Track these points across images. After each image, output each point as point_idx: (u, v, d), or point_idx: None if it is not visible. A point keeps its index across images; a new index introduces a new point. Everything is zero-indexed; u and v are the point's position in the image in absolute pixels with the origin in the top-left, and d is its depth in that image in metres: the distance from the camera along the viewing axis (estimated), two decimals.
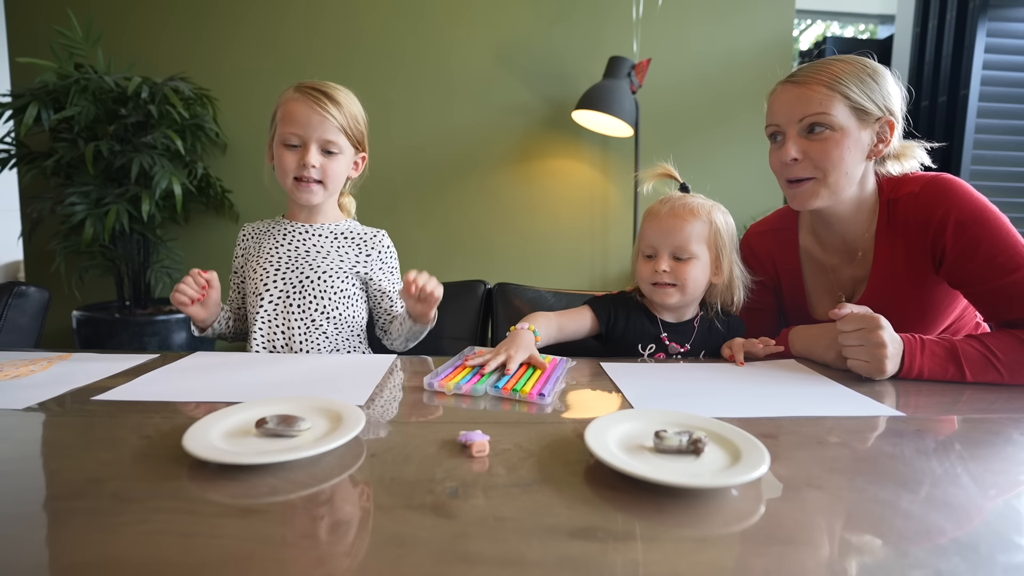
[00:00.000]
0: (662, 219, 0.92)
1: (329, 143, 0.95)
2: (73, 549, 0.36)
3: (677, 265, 0.92)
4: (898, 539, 0.38)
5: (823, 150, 0.82)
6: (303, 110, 0.93)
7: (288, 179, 0.96)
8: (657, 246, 0.93)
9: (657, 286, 0.93)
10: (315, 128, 0.93)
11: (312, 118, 0.92)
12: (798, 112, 0.82)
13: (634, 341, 0.97)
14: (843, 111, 0.80)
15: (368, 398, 0.67)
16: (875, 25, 3.56)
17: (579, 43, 2.35)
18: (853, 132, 0.81)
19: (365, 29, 2.30)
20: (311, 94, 0.93)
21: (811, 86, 0.81)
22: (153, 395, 0.67)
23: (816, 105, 0.81)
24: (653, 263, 0.93)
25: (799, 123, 0.83)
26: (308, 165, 0.93)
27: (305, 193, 0.96)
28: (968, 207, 0.81)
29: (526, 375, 0.74)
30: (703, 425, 0.54)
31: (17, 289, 1.21)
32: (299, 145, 0.94)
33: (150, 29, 2.23)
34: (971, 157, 2.40)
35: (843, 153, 0.82)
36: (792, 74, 0.85)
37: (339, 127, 0.95)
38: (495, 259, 2.41)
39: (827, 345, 0.85)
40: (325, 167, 0.95)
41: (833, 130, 0.81)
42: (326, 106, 0.93)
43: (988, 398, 0.71)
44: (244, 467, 0.46)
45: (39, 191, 2.08)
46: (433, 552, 0.35)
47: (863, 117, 0.82)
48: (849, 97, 0.80)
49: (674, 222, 0.91)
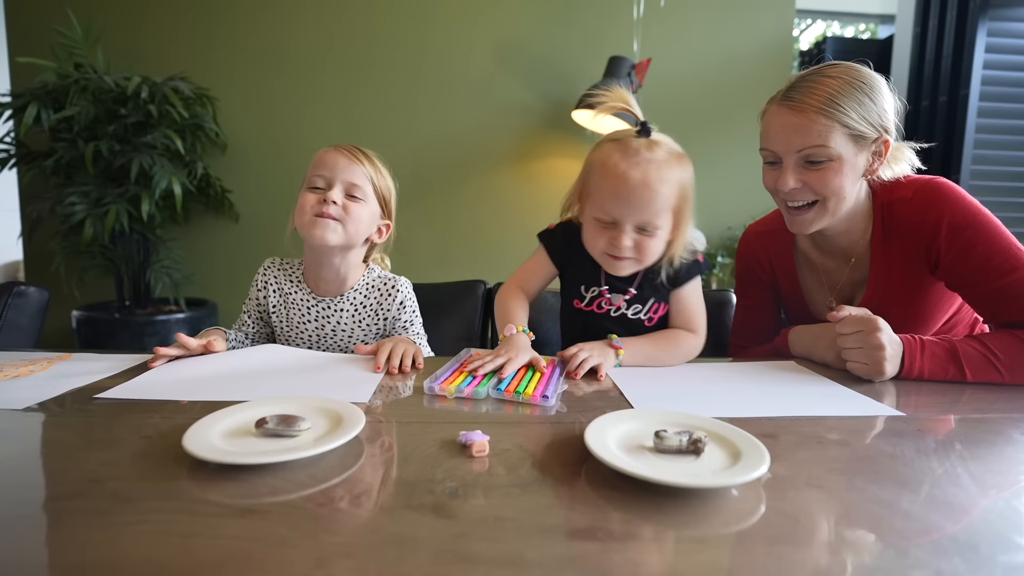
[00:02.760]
0: (631, 187, 0.78)
1: (354, 187, 0.92)
2: (73, 549, 0.36)
3: (640, 239, 0.82)
4: (898, 539, 0.38)
5: (822, 179, 0.81)
6: (332, 156, 0.93)
7: (306, 217, 0.90)
8: (620, 218, 0.81)
9: (613, 258, 0.84)
10: (342, 170, 0.92)
11: (340, 161, 0.92)
12: (796, 143, 0.80)
13: (578, 283, 0.95)
14: (841, 140, 0.79)
15: (369, 397, 0.67)
16: (875, 25, 3.56)
17: (579, 43, 2.35)
18: (850, 159, 0.80)
19: (365, 29, 2.30)
20: (344, 147, 0.95)
21: (808, 115, 0.78)
22: (153, 394, 0.67)
23: (815, 137, 0.79)
24: (610, 233, 0.82)
25: (797, 154, 0.81)
26: (329, 201, 0.89)
27: (321, 229, 0.89)
28: (960, 211, 0.82)
29: (526, 377, 0.74)
30: (703, 425, 0.54)
31: (17, 289, 1.21)
32: (323, 187, 0.92)
33: (150, 29, 2.23)
34: (971, 157, 2.40)
35: (842, 181, 0.81)
36: (787, 95, 0.81)
37: (368, 177, 0.94)
38: (495, 259, 2.41)
39: (827, 345, 0.85)
40: (347, 207, 0.91)
41: (832, 160, 0.80)
42: (357, 155, 0.94)
43: (988, 398, 0.71)
44: (244, 467, 0.46)
45: (39, 191, 2.08)
46: (433, 552, 0.35)
47: (860, 142, 0.80)
48: (848, 125, 0.78)
49: (645, 193, 0.78)
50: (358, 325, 1.00)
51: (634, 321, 0.94)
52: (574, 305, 0.96)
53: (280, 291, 1.01)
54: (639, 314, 0.94)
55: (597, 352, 0.81)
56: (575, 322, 0.99)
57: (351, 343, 1.00)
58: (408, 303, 1.02)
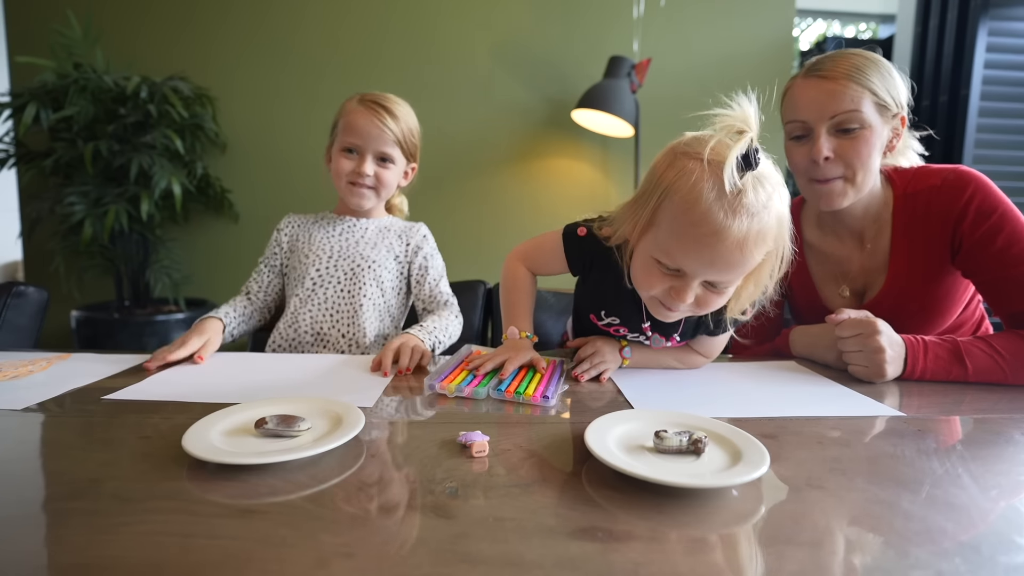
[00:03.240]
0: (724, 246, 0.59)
1: (384, 154, 1.02)
2: (73, 549, 0.35)
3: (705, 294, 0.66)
4: (899, 539, 0.38)
5: (855, 148, 0.80)
6: (363, 122, 1.00)
7: (342, 181, 1.02)
8: (692, 273, 0.64)
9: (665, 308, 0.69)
10: (373, 140, 1.00)
11: (371, 131, 1.00)
12: (830, 109, 0.79)
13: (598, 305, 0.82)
14: (870, 107, 0.79)
15: (375, 402, 0.66)
16: (876, 25, 3.55)
17: (579, 43, 2.35)
18: (879, 129, 0.80)
19: (365, 29, 2.30)
20: (372, 107, 1.01)
21: (840, 81, 0.78)
22: (157, 396, 0.67)
23: (848, 102, 0.78)
24: (672, 283, 0.65)
25: (831, 120, 0.80)
26: (363, 173, 1.01)
27: (357, 197, 1.03)
28: (989, 197, 0.82)
29: (527, 378, 0.74)
30: (703, 425, 0.54)
31: (16, 289, 1.21)
32: (355, 152, 1.02)
33: (149, 29, 2.23)
34: (971, 157, 2.40)
35: (871, 151, 0.80)
36: (813, 67, 0.82)
37: (395, 140, 1.02)
38: (495, 259, 2.41)
39: (828, 346, 0.85)
40: (379, 175, 1.03)
41: (863, 127, 0.79)
42: (385, 119, 1.01)
43: (990, 399, 0.71)
44: (244, 467, 0.46)
45: (38, 191, 2.08)
46: (433, 552, 0.35)
47: (884, 113, 0.81)
48: (876, 92, 0.79)
49: (736, 256, 0.60)
50: (382, 240, 1.07)
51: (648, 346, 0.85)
52: (590, 319, 0.86)
53: (303, 224, 1.09)
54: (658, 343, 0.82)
55: (609, 358, 0.80)
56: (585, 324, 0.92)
57: (376, 254, 1.05)
58: (431, 238, 1.13)
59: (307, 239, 1.06)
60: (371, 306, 1.04)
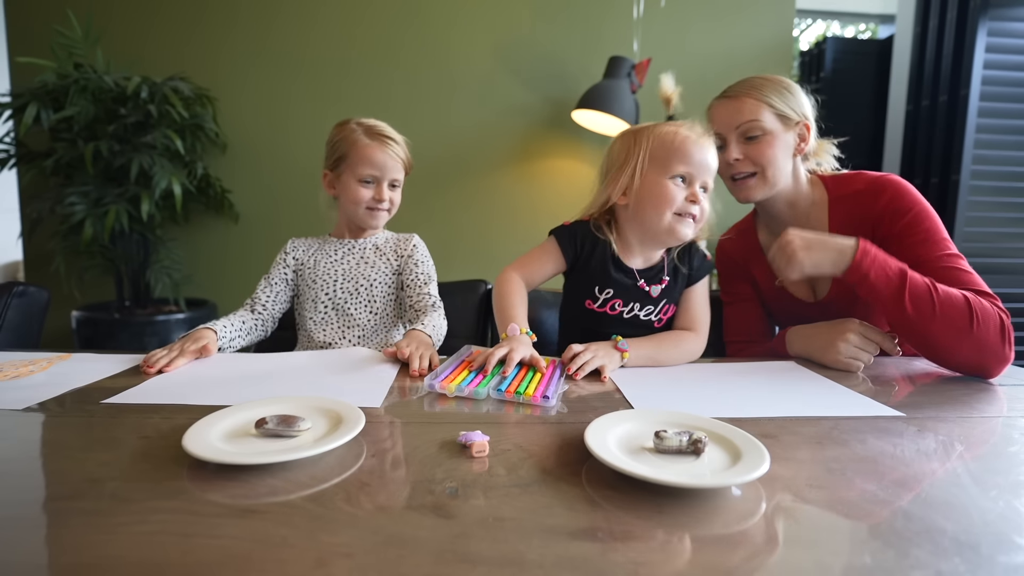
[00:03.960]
0: (705, 140, 0.91)
1: (396, 180, 1.15)
2: (73, 549, 0.36)
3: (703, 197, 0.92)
4: (898, 539, 0.38)
5: (759, 150, 0.95)
6: (380, 155, 1.11)
7: (360, 207, 1.13)
8: (696, 171, 0.89)
9: (682, 217, 0.90)
10: (389, 170, 1.12)
11: (388, 162, 1.12)
12: (735, 120, 0.96)
13: (592, 284, 0.96)
14: (770, 117, 0.95)
15: (383, 401, 0.66)
16: (875, 25, 3.55)
17: (579, 43, 2.35)
18: (780, 134, 0.95)
19: (365, 29, 2.30)
20: (383, 140, 1.12)
21: (741, 99, 0.96)
22: (157, 396, 0.67)
23: (748, 113, 0.95)
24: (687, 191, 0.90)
25: (736, 130, 0.96)
26: (383, 199, 1.13)
27: (376, 219, 1.15)
28: (904, 199, 0.91)
29: (527, 378, 0.74)
30: (703, 425, 0.54)
31: (17, 289, 1.21)
32: (372, 182, 1.12)
33: (150, 29, 2.23)
34: (971, 157, 2.39)
35: (776, 151, 0.94)
36: (723, 92, 0.99)
37: (403, 165, 1.16)
38: (495, 259, 2.41)
39: (823, 345, 0.86)
40: (392, 198, 1.16)
41: (765, 133, 0.94)
42: (396, 150, 1.13)
43: (989, 399, 0.72)
44: (244, 467, 0.46)
45: (39, 191, 2.08)
46: (433, 552, 0.35)
47: (785, 122, 0.95)
48: (773, 106, 0.94)
49: (713, 144, 0.93)
50: (380, 258, 1.16)
51: (645, 322, 0.97)
52: (586, 305, 0.97)
53: (307, 249, 1.18)
54: (651, 315, 0.97)
55: (603, 353, 0.82)
56: (579, 322, 1.00)
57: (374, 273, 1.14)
58: (421, 246, 1.20)
59: (313, 264, 1.15)
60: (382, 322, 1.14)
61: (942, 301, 0.80)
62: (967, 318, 0.79)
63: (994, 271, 2.46)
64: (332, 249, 1.17)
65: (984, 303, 0.80)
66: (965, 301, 0.80)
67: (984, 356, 0.80)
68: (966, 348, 0.80)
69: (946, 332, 0.80)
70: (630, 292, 0.96)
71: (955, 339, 0.80)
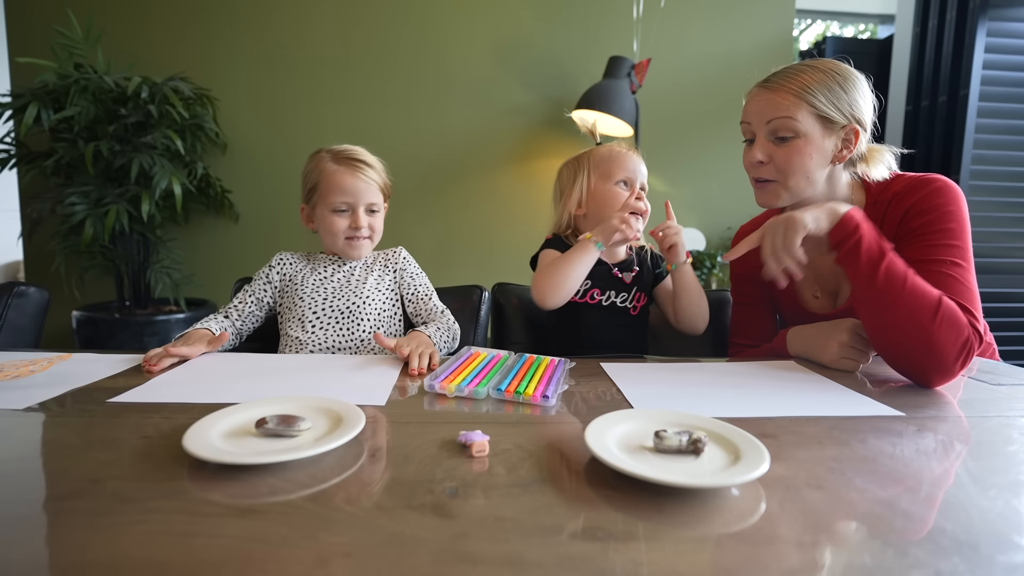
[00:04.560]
0: (629, 152, 1.07)
1: (373, 204, 1.08)
2: (73, 549, 0.36)
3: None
4: (898, 539, 0.38)
5: (786, 156, 0.86)
6: (350, 180, 1.04)
7: (339, 239, 1.07)
8: (632, 175, 1.06)
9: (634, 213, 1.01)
10: (363, 194, 1.06)
11: (360, 187, 1.05)
12: (767, 114, 0.87)
13: None
14: (808, 119, 0.84)
15: (386, 400, 0.67)
16: (875, 25, 3.55)
17: (579, 43, 2.36)
18: (816, 139, 0.85)
19: (365, 30, 2.30)
20: (352, 164, 1.06)
21: (780, 92, 0.86)
22: (157, 396, 0.67)
23: (783, 109, 0.85)
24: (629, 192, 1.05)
25: (767, 125, 0.87)
26: (360, 227, 1.06)
27: (356, 249, 1.08)
28: (936, 197, 0.83)
29: (527, 377, 0.74)
30: (703, 425, 0.54)
31: (17, 289, 1.21)
32: (347, 210, 1.06)
33: (150, 29, 2.23)
34: (971, 157, 2.40)
35: (804, 160, 0.86)
36: (766, 78, 0.89)
37: (379, 188, 1.09)
38: (495, 259, 2.41)
39: (823, 345, 0.86)
40: (371, 224, 1.08)
41: (797, 136, 0.85)
42: (368, 172, 1.06)
43: (988, 399, 0.72)
44: (244, 467, 0.46)
45: (39, 191, 2.08)
46: (433, 552, 0.35)
47: (828, 125, 0.85)
48: (815, 106, 0.84)
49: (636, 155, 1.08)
50: (370, 274, 1.12)
51: (622, 308, 1.09)
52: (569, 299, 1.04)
53: (295, 264, 1.12)
54: (626, 302, 1.09)
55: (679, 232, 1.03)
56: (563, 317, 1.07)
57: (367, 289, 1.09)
58: (410, 258, 1.18)
59: (300, 281, 1.09)
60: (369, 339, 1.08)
61: (912, 287, 0.74)
62: (930, 313, 0.73)
63: (994, 271, 2.46)
64: (321, 266, 1.11)
65: (958, 314, 0.74)
66: (937, 299, 0.74)
67: (930, 359, 0.74)
68: (915, 342, 0.74)
69: (902, 318, 0.74)
70: (606, 280, 1.07)
71: (908, 328, 0.74)
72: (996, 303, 2.48)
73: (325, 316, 1.06)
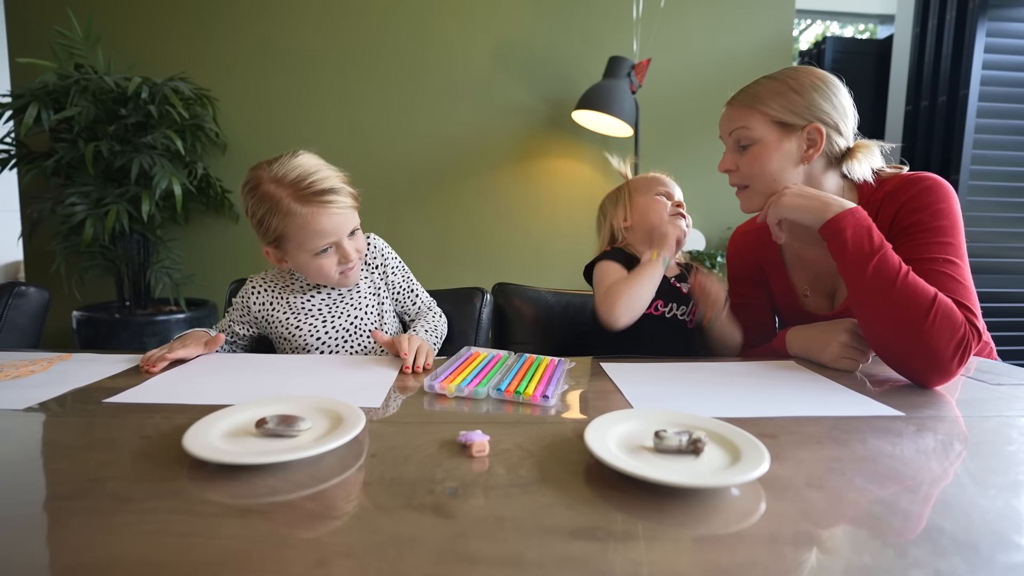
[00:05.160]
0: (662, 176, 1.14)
1: (354, 229, 0.96)
2: (73, 549, 0.36)
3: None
4: (898, 539, 0.38)
5: (748, 162, 0.92)
6: (326, 221, 0.90)
7: (332, 279, 0.97)
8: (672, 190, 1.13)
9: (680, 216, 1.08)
10: (344, 227, 0.93)
11: (338, 222, 0.92)
12: (727, 127, 0.94)
13: None
14: (761, 125, 0.90)
15: (382, 401, 0.66)
16: (875, 25, 3.55)
17: (579, 43, 2.36)
18: (773, 142, 0.89)
19: (365, 29, 2.30)
20: (322, 202, 0.89)
21: (736, 106, 0.93)
22: (157, 396, 0.67)
23: (737, 121, 0.92)
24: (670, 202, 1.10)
25: (730, 137, 0.94)
26: (349, 259, 0.95)
27: (351, 278, 0.99)
28: (928, 195, 0.84)
29: (526, 377, 0.74)
30: (703, 425, 0.54)
31: (17, 289, 1.21)
32: (330, 248, 0.94)
33: (150, 29, 2.23)
34: (971, 157, 2.40)
35: (764, 163, 0.90)
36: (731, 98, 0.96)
37: (353, 207, 0.96)
38: (495, 259, 2.41)
39: (823, 345, 0.86)
40: (358, 248, 0.98)
41: (753, 142, 0.90)
42: (340, 203, 0.92)
43: (987, 398, 0.72)
44: (244, 467, 0.46)
45: (39, 191, 2.08)
46: (433, 552, 0.36)
47: (786, 128, 0.89)
48: (767, 113, 0.89)
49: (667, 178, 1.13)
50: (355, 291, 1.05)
51: (681, 321, 1.08)
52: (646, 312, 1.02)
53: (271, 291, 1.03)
54: (685, 315, 1.08)
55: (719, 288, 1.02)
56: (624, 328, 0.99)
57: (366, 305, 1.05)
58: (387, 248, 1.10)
59: (286, 307, 1.01)
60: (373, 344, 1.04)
61: (905, 284, 0.74)
62: (925, 311, 0.72)
63: (994, 271, 2.46)
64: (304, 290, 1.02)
65: (954, 311, 0.73)
66: (932, 296, 0.73)
67: (927, 360, 0.74)
68: (911, 342, 0.74)
69: (895, 316, 0.74)
70: (668, 292, 1.06)
71: (903, 328, 0.74)
72: (995, 303, 2.48)
73: (330, 338, 1.01)
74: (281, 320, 1.01)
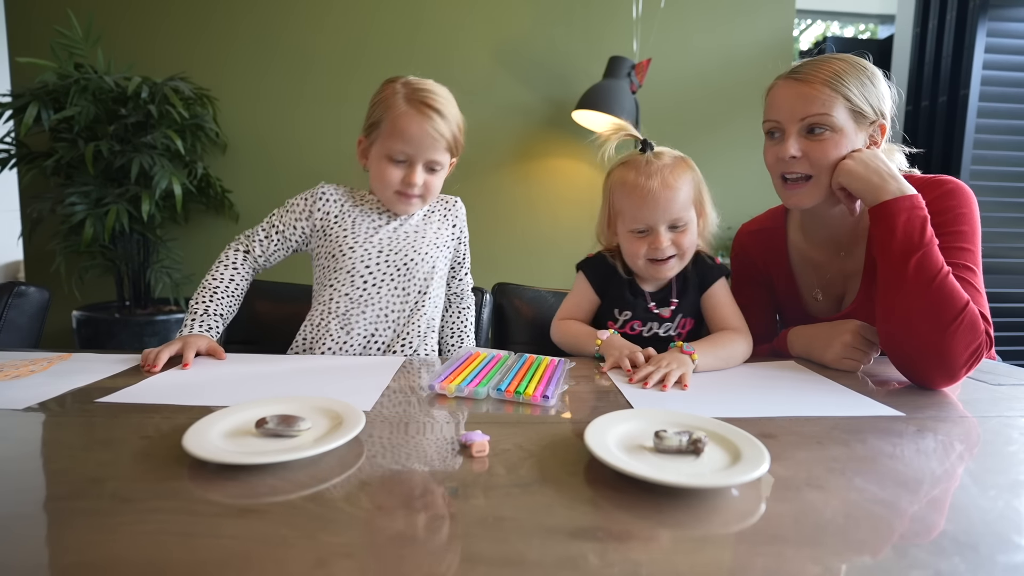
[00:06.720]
0: (654, 193, 0.86)
1: (434, 162, 0.95)
2: (73, 549, 0.36)
3: (675, 236, 0.90)
4: (898, 539, 0.38)
5: (822, 150, 0.82)
6: (415, 130, 0.91)
7: (389, 190, 0.95)
8: (652, 222, 0.88)
9: (656, 263, 0.90)
10: (425, 149, 0.93)
11: (424, 140, 0.92)
12: (800, 111, 0.83)
13: (613, 307, 0.98)
14: (843, 113, 0.81)
15: (372, 405, 0.66)
16: (875, 25, 3.55)
17: (579, 43, 2.35)
18: (850, 134, 0.82)
19: (366, 29, 2.30)
20: (424, 110, 0.92)
21: (814, 85, 0.81)
22: (157, 396, 0.67)
23: (819, 105, 0.81)
24: (649, 240, 0.89)
25: (800, 122, 0.83)
26: (414, 183, 0.93)
27: (404, 206, 0.97)
28: (948, 199, 0.82)
29: (527, 377, 0.74)
30: (703, 425, 0.54)
31: (17, 289, 1.21)
32: (404, 160, 0.93)
33: (150, 29, 2.23)
34: (971, 157, 2.40)
35: (838, 154, 0.82)
36: (794, 70, 0.85)
37: (446, 145, 0.95)
38: (495, 259, 2.41)
39: (826, 345, 0.86)
40: (427, 183, 0.96)
41: (833, 131, 0.82)
42: (437, 124, 0.92)
43: (988, 399, 0.72)
44: (244, 467, 0.46)
45: (39, 191, 2.08)
46: (433, 552, 0.35)
47: (860, 120, 0.83)
48: (849, 99, 0.81)
49: (668, 194, 0.86)
50: (429, 227, 1.02)
51: (664, 338, 0.96)
52: (608, 326, 0.97)
53: (342, 203, 1.00)
54: (669, 331, 0.97)
55: (676, 363, 0.77)
56: None
57: (426, 244, 1.00)
58: (463, 216, 1.10)
59: (349, 225, 0.97)
60: (430, 303, 1.00)
61: (943, 285, 0.72)
62: (955, 315, 0.72)
63: (994, 271, 2.46)
64: (373, 210, 0.99)
65: (978, 321, 0.73)
66: (965, 303, 0.72)
67: (940, 363, 0.73)
68: (930, 343, 0.73)
69: (925, 315, 0.73)
70: (645, 314, 0.97)
71: (928, 328, 0.73)
72: (996, 303, 2.46)
73: (380, 271, 0.95)
74: (339, 235, 0.97)
